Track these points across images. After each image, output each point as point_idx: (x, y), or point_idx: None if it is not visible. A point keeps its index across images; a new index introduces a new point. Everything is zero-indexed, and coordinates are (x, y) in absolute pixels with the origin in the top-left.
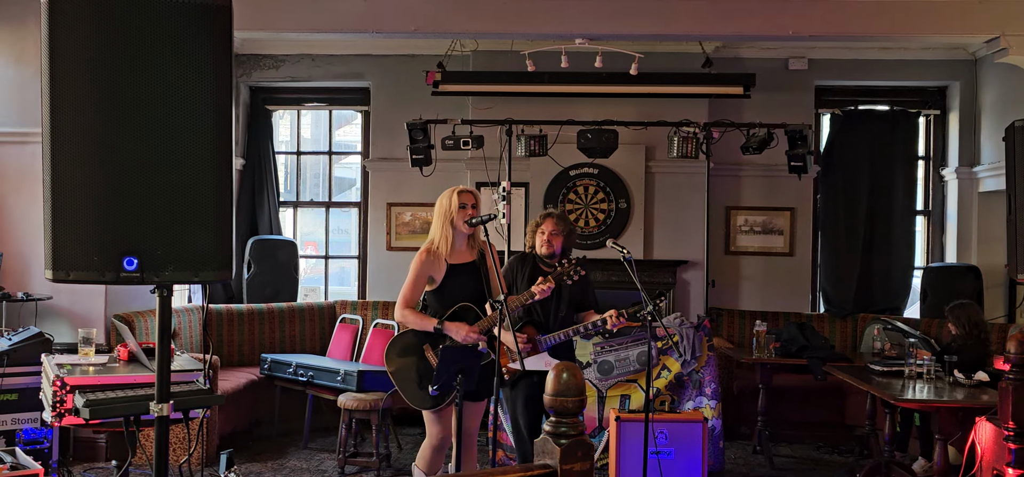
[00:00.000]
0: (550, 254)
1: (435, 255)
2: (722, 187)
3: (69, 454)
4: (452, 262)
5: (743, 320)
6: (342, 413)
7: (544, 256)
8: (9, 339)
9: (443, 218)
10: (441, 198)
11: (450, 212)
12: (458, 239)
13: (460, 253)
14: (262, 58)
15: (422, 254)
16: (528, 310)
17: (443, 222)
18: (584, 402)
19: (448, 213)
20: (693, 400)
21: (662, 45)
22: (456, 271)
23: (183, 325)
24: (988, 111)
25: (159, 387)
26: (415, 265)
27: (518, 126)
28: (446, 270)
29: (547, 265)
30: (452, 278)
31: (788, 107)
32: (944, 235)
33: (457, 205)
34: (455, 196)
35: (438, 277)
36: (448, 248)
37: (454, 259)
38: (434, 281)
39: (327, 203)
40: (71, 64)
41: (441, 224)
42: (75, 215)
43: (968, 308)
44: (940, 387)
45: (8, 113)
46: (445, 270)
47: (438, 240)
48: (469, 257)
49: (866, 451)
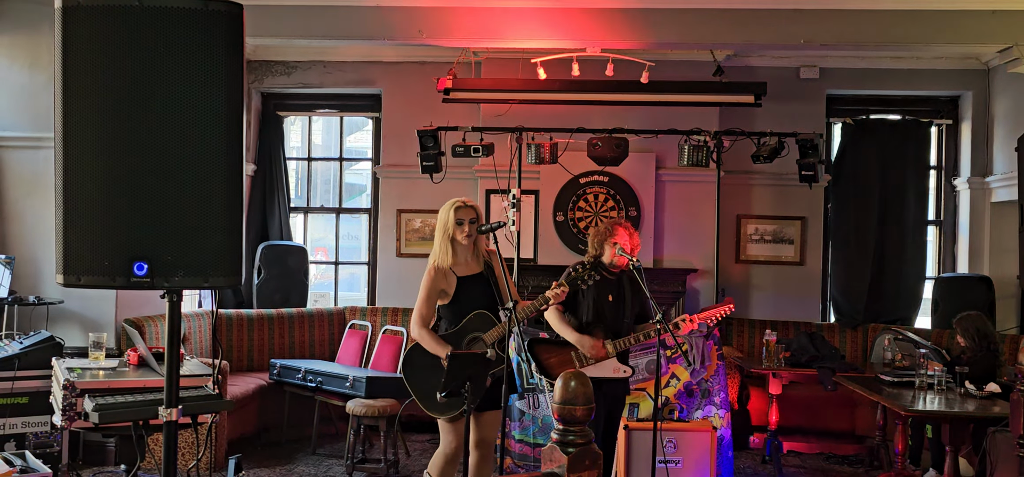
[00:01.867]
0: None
1: (442, 270)
2: (733, 196)
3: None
4: (460, 275)
5: (753, 329)
6: (350, 419)
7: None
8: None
9: (443, 233)
10: (440, 211)
11: (448, 228)
12: (461, 251)
13: (466, 265)
14: (274, 64)
15: (430, 270)
16: (597, 317)
17: (443, 237)
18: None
19: (446, 228)
20: (702, 409)
21: (673, 53)
22: (466, 283)
23: (193, 330)
24: (1001, 121)
25: (168, 392)
26: (425, 282)
27: (528, 133)
28: (456, 283)
29: (612, 274)
30: (463, 290)
31: (799, 116)
32: (956, 245)
33: (454, 221)
34: (452, 212)
35: (450, 290)
36: (453, 261)
37: (462, 271)
38: (447, 295)
39: (337, 209)
40: (84, 70)
41: (441, 239)
42: (86, 220)
43: (975, 320)
44: (951, 398)
45: (22, 118)
46: (455, 283)
47: (441, 255)
48: (476, 268)
49: (876, 462)
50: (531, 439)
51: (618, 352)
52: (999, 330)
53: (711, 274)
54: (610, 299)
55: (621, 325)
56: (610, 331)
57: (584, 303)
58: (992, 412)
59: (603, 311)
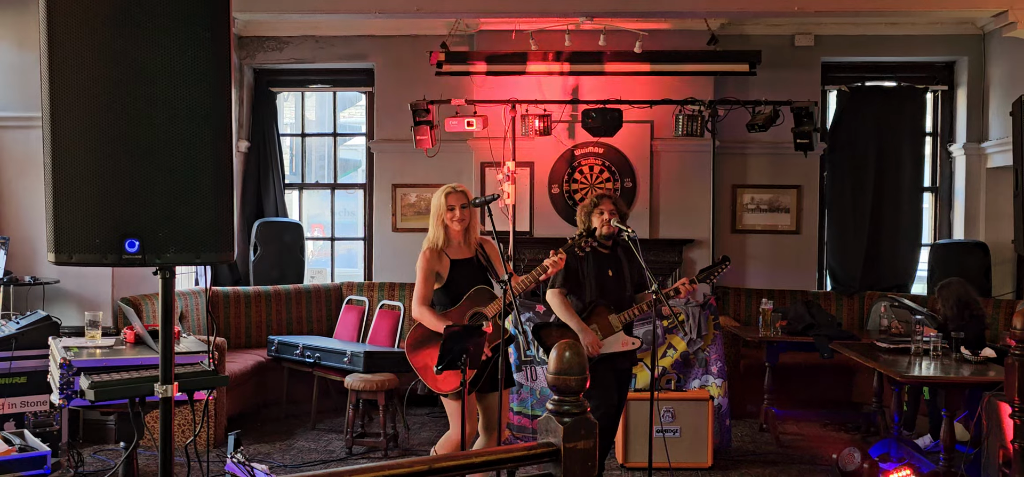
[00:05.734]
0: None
1: (437, 252)
2: (728, 165)
3: (78, 436)
4: (453, 257)
5: (749, 298)
6: (349, 394)
7: (604, 236)
8: (17, 323)
9: (437, 218)
10: (434, 197)
11: (441, 213)
12: (454, 237)
13: (459, 249)
14: (266, 40)
15: (426, 252)
16: (601, 293)
17: (437, 222)
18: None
19: (439, 213)
20: (699, 379)
21: (667, 22)
22: (459, 266)
23: (190, 308)
24: (996, 86)
25: (163, 369)
26: (421, 265)
27: (522, 105)
28: (450, 266)
29: (605, 246)
30: (456, 273)
31: (794, 84)
32: (952, 212)
33: (445, 207)
34: (443, 198)
35: (444, 273)
36: (446, 245)
37: (454, 254)
38: (441, 278)
39: (332, 185)
40: (70, 47)
41: (435, 223)
42: (76, 198)
43: (956, 287)
44: (946, 364)
45: (11, 97)
46: (448, 266)
47: (434, 239)
48: (468, 253)
49: (873, 428)
50: (529, 411)
51: (624, 325)
52: (995, 296)
53: (707, 244)
54: (610, 274)
55: (623, 298)
56: (614, 304)
57: (586, 282)
58: (988, 377)
59: (606, 286)
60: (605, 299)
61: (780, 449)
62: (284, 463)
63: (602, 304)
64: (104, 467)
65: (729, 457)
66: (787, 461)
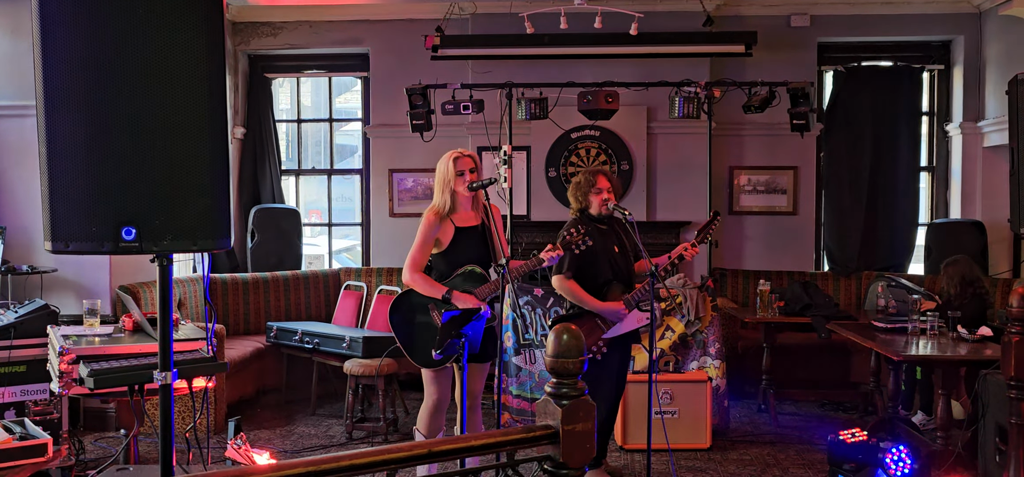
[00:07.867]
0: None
1: (442, 217)
2: (724, 147)
3: (79, 424)
4: (459, 225)
5: (747, 280)
6: (348, 379)
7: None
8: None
9: (443, 185)
10: (439, 164)
11: (448, 179)
12: (461, 203)
13: (466, 216)
14: (260, 26)
15: (430, 215)
16: (614, 272)
17: (443, 188)
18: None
19: (446, 179)
20: (697, 361)
21: (662, 4)
22: (463, 234)
23: (188, 295)
24: (992, 65)
25: (162, 356)
26: (423, 227)
27: (518, 89)
28: (453, 233)
29: (603, 222)
30: (459, 241)
31: (790, 65)
32: (948, 191)
33: (454, 172)
34: (451, 163)
35: (445, 240)
36: (452, 211)
37: (460, 222)
38: (441, 244)
39: (329, 171)
40: (63, 36)
41: (441, 190)
42: (72, 187)
43: (961, 265)
44: (943, 343)
45: (7, 86)
46: (452, 233)
47: (441, 205)
48: (475, 220)
49: (871, 408)
50: (528, 394)
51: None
52: (992, 274)
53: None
54: (616, 250)
55: (631, 272)
56: (624, 281)
57: (599, 263)
58: (984, 355)
59: (617, 264)
60: (618, 277)
61: (778, 429)
62: (284, 449)
63: (614, 282)
64: (105, 454)
65: (728, 438)
66: (785, 441)
